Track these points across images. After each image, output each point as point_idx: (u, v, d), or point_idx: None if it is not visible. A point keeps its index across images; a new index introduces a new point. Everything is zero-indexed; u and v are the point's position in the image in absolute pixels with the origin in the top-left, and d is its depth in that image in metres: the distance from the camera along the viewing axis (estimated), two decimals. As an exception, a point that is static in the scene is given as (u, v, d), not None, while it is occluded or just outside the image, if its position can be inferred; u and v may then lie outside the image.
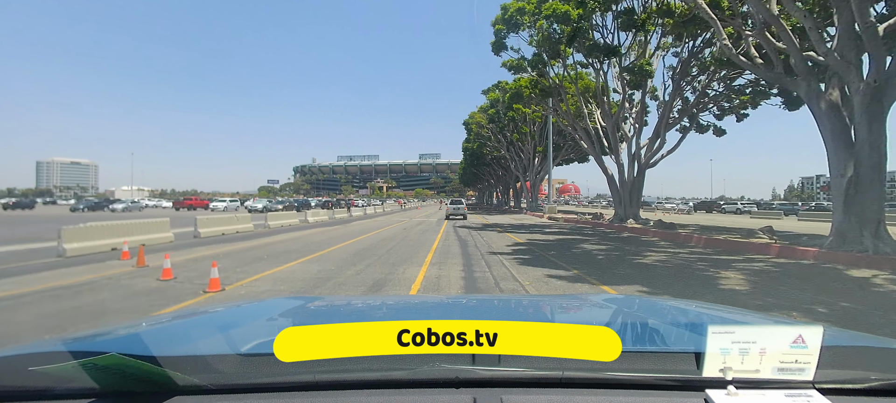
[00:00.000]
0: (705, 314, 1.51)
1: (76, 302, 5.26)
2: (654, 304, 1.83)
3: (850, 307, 5.03)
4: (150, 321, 1.85)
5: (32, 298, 5.44)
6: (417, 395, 0.78)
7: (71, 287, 6.09)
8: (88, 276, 6.92)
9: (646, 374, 0.82)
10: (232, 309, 1.71)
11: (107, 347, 0.93)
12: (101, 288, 6.02)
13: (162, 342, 1.15)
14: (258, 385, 0.80)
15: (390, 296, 4.96)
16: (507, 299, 3.14)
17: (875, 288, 6.16)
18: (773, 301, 5.32)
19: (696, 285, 6.37)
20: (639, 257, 9.60)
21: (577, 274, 7.27)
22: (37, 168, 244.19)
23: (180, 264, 8.07)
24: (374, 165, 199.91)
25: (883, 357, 0.91)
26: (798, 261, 8.75)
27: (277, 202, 45.87)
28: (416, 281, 6.63)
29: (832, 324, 3.31)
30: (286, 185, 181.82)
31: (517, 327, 0.77)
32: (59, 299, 5.38)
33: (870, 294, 5.82)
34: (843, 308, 5.00)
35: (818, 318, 4.57)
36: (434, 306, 1.79)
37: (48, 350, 0.91)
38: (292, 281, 6.64)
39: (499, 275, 7.14)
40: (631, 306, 1.76)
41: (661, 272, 7.60)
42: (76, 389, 0.77)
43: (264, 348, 0.84)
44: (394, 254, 10.07)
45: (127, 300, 5.39)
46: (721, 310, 1.70)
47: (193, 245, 11.93)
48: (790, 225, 22.45)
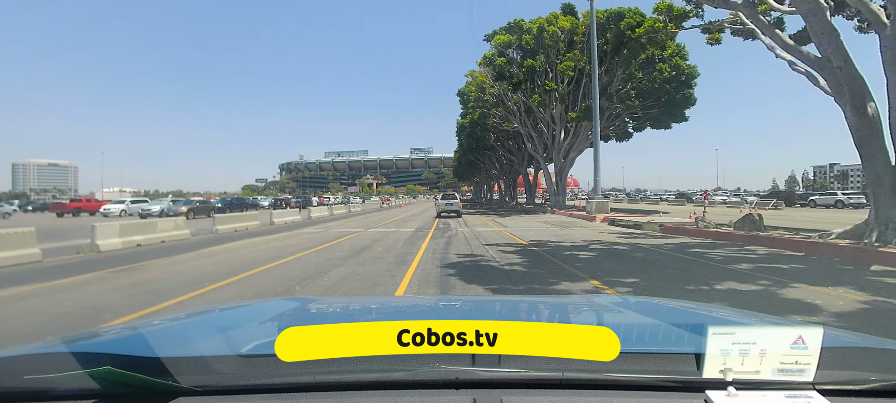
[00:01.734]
0: (705, 315, 1.50)
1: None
2: (654, 305, 1.78)
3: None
4: (151, 320, 1.96)
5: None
6: (417, 396, 0.78)
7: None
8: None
9: (646, 375, 0.81)
10: (232, 309, 1.74)
11: (108, 348, 0.98)
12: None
13: (164, 342, 1.12)
14: (259, 385, 0.80)
15: (390, 297, 4.80)
16: (507, 300, 2.82)
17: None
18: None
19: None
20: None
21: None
22: (13, 170, 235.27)
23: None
24: (363, 161, 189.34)
25: (883, 358, 0.91)
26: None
27: (224, 201, 33.10)
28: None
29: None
30: (272, 183, 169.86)
31: (517, 327, 0.78)
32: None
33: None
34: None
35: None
36: (434, 307, 1.84)
37: (48, 351, 0.94)
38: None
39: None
40: (631, 306, 1.68)
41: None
42: (76, 390, 0.77)
43: (264, 349, 0.85)
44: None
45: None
46: (721, 311, 1.72)
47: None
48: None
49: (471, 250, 9.40)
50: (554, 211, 26.38)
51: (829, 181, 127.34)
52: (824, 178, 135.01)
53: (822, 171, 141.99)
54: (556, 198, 29.32)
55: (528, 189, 42.90)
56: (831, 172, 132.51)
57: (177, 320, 1.51)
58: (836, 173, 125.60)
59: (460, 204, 22.61)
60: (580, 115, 24.90)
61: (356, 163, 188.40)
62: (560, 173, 29.46)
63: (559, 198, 29.29)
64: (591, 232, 13.58)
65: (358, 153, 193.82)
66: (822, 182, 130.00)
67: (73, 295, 5.44)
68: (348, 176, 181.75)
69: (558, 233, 13.32)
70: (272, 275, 6.66)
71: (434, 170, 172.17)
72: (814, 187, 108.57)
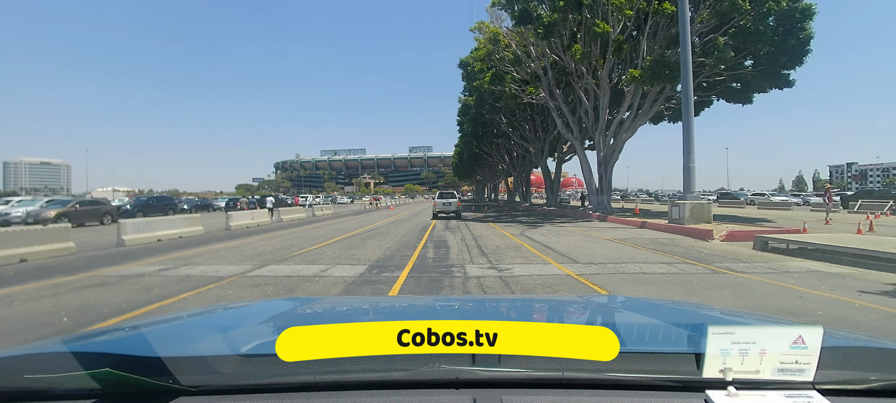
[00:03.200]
0: (705, 314, 1.48)
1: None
2: (654, 305, 1.78)
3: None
4: (150, 320, 1.88)
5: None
6: (417, 396, 0.77)
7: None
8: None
9: (646, 375, 0.81)
10: (232, 309, 1.70)
11: (109, 348, 0.98)
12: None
13: (164, 342, 1.11)
14: (259, 385, 0.80)
15: (391, 297, 4.58)
16: (507, 300, 2.78)
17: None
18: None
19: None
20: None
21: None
22: (3, 169, 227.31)
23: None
24: (360, 160, 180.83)
25: (882, 358, 0.90)
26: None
27: (146, 199, 24.66)
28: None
29: None
30: (266, 182, 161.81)
31: (517, 327, 0.77)
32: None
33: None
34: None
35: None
36: (434, 307, 1.80)
37: (49, 351, 0.94)
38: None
39: None
40: (631, 306, 1.71)
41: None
42: (77, 390, 0.76)
43: (265, 348, 0.84)
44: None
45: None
46: (721, 311, 1.67)
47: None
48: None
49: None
50: (605, 217, 17.92)
51: (846, 180, 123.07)
52: (842, 178, 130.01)
53: (839, 171, 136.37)
54: (600, 198, 20.84)
55: (548, 185, 34.25)
56: (849, 171, 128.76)
57: (177, 319, 1.48)
58: (855, 173, 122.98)
59: (459, 204, 20.26)
60: (645, 75, 16.46)
61: (353, 162, 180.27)
62: (606, 162, 20.92)
63: (603, 198, 20.83)
64: (758, 275, 5.58)
65: (355, 152, 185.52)
66: (839, 181, 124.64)
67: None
68: (345, 175, 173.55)
69: (693, 282, 5.26)
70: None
71: (433, 169, 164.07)
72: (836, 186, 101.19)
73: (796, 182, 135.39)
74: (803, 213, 23.14)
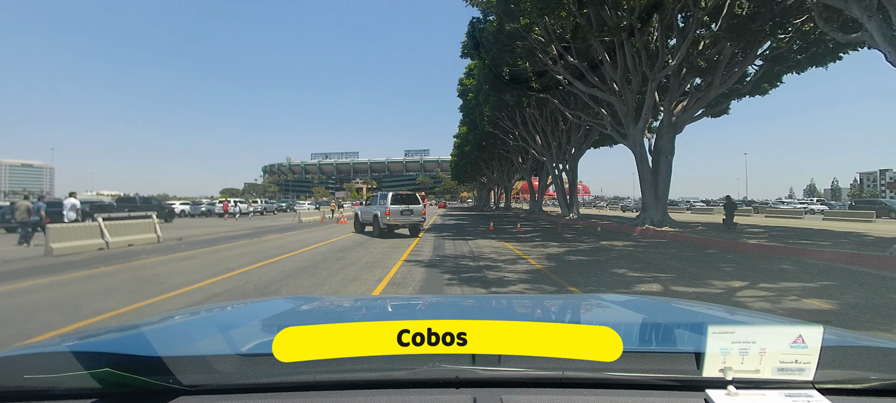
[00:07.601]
0: (705, 314, 1.47)
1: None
2: (654, 304, 1.79)
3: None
4: (150, 319, 1.80)
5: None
6: (417, 395, 0.76)
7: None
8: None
9: (646, 374, 0.80)
10: (232, 309, 1.71)
11: (109, 347, 0.98)
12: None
13: (164, 341, 1.11)
14: (259, 384, 0.79)
15: (390, 297, 4.65)
16: (507, 299, 2.81)
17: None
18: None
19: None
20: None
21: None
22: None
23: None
24: (352, 163, 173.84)
25: (883, 358, 0.89)
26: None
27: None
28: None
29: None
30: (252, 186, 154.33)
31: (517, 327, 0.77)
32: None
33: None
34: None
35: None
36: (434, 306, 1.79)
37: (48, 351, 0.94)
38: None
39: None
40: (631, 306, 1.68)
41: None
42: (77, 389, 0.76)
43: (265, 348, 0.83)
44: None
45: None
46: (721, 310, 1.67)
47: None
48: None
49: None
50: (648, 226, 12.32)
51: (879, 189, 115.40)
52: (874, 186, 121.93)
53: (871, 178, 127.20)
54: (657, 205, 15.22)
55: (559, 191, 28.56)
56: (882, 179, 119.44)
57: (177, 319, 1.48)
58: (889, 180, 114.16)
59: (425, 212, 15.21)
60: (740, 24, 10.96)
61: (345, 166, 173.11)
62: (659, 156, 15.41)
63: (659, 206, 15.23)
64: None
65: (347, 155, 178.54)
66: (871, 190, 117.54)
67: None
68: (336, 179, 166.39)
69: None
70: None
71: (430, 173, 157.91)
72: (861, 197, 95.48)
73: (807, 189, 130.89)
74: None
